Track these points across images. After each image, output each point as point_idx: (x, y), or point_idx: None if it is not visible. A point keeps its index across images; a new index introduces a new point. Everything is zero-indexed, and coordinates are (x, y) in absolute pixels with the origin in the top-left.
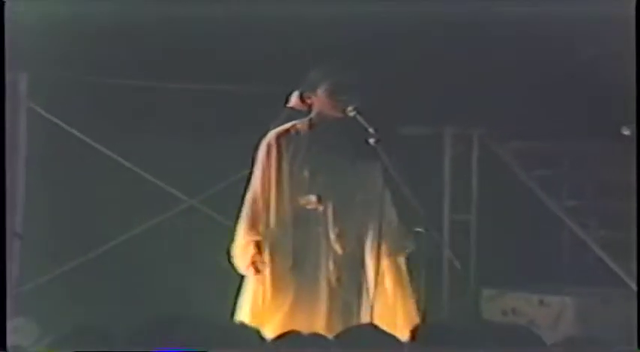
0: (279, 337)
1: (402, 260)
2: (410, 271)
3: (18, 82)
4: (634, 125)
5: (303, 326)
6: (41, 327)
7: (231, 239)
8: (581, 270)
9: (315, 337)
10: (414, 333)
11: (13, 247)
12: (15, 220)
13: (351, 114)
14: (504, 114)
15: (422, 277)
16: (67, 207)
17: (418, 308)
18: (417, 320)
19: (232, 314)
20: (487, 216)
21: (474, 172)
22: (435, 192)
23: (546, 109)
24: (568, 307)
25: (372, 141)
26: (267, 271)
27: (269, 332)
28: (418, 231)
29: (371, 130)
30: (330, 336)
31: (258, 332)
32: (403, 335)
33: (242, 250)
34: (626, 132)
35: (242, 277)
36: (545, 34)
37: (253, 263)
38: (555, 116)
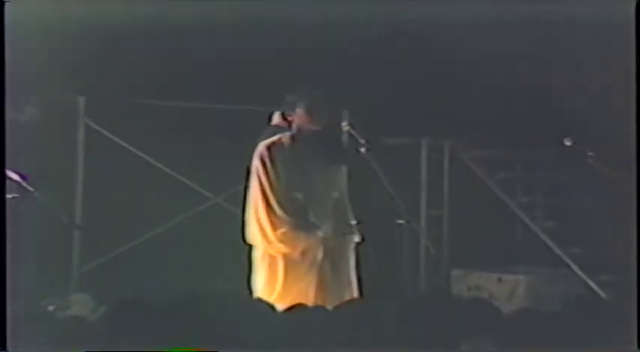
0: (289, 309)
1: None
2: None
3: (77, 102)
4: (573, 137)
5: (304, 300)
6: (96, 300)
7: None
8: (531, 254)
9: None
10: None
11: (73, 236)
12: (75, 214)
13: (345, 128)
14: (470, 127)
15: (403, 259)
16: (117, 203)
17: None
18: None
19: (249, 290)
20: (456, 211)
21: (445, 175)
22: (413, 191)
23: (503, 123)
24: (520, 283)
25: (363, 150)
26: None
27: (280, 305)
28: (401, 223)
29: (362, 141)
30: (329, 308)
31: (271, 306)
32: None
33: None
34: (567, 143)
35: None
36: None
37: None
38: (510, 129)
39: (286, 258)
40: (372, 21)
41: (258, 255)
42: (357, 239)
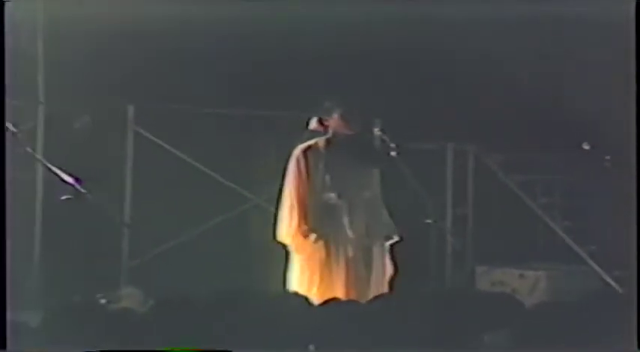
0: (324, 303)
1: (387, 245)
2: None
3: (126, 110)
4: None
5: (338, 295)
6: (144, 294)
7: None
8: (550, 252)
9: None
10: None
11: (123, 234)
12: (125, 214)
13: (377, 134)
14: (492, 133)
15: (430, 256)
16: (164, 204)
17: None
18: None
19: (284, 285)
20: (480, 210)
21: (469, 178)
22: (440, 192)
23: (523, 128)
24: (541, 279)
25: (393, 153)
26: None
27: (315, 300)
28: (428, 222)
29: (393, 146)
30: (362, 302)
31: (307, 299)
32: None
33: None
34: (586, 147)
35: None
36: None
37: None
38: (529, 134)
39: (319, 256)
40: (404, 33)
41: (292, 252)
42: (395, 238)
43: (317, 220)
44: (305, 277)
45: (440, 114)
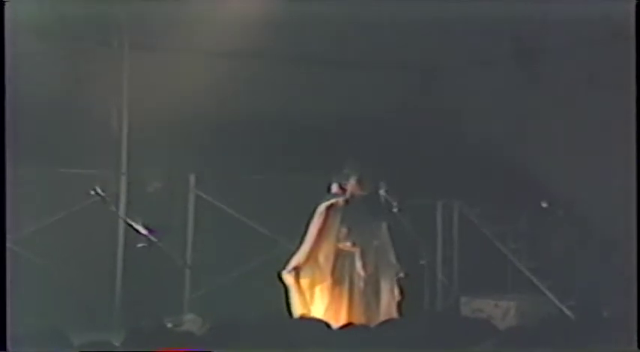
0: (342, 327)
1: (395, 280)
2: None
3: (188, 178)
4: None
5: (353, 320)
6: (202, 319)
7: None
8: (518, 286)
9: None
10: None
11: (185, 273)
12: (187, 257)
13: (382, 193)
14: (472, 193)
15: (424, 289)
16: (217, 248)
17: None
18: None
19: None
20: (463, 253)
21: (454, 227)
22: (432, 239)
23: (498, 190)
24: (511, 308)
25: (395, 210)
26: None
27: (334, 324)
28: (422, 263)
29: (394, 203)
30: (372, 325)
31: (327, 324)
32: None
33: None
34: (544, 205)
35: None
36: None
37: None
38: (503, 194)
39: (337, 288)
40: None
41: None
42: (401, 275)
43: (332, 263)
44: (328, 305)
45: (431, 178)
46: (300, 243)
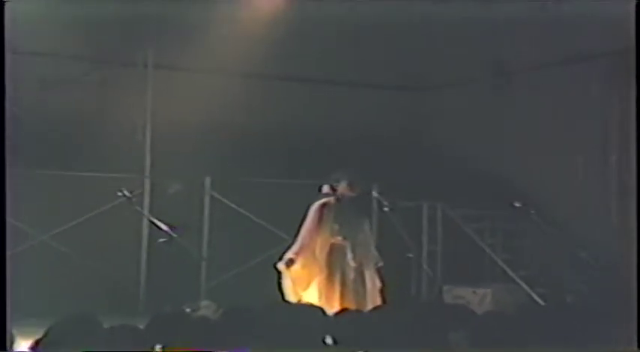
0: (337, 313)
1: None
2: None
3: (204, 180)
4: (522, 200)
5: (347, 305)
6: (216, 305)
7: None
8: (494, 276)
9: None
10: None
11: (201, 265)
12: (202, 251)
13: (375, 195)
14: (454, 195)
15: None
16: (229, 242)
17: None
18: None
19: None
20: (446, 248)
21: (438, 225)
22: (418, 235)
23: (477, 192)
24: (488, 295)
25: (386, 209)
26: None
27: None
28: (410, 256)
29: (386, 203)
30: (364, 310)
31: (322, 310)
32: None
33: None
34: (517, 204)
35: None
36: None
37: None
38: (482, 195)
39: (331, 278)
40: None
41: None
42: (380, 264)
43: (325, 256)
44: (322, 294)
45: (418, 183)
46: (295, 237)
